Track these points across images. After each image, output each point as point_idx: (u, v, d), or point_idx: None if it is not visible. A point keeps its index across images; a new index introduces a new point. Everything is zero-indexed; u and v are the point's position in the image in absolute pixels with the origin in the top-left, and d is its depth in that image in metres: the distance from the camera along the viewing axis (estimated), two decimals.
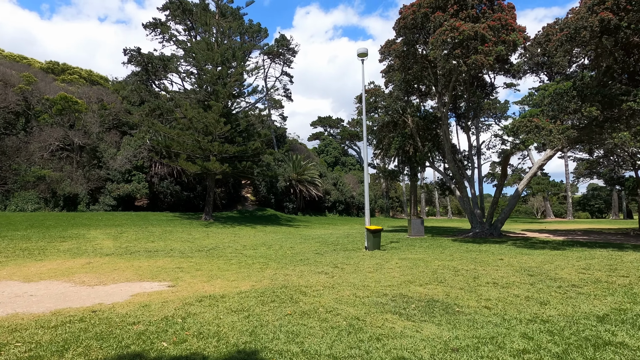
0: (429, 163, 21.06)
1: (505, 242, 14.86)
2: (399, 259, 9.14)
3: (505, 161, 16.27)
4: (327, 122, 63.89)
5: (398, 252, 11.29)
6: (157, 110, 26.55)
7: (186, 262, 8.89)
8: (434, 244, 14.19)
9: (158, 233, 17.81)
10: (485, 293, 5.46)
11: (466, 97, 19.01)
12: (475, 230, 17.48)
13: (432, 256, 9.91)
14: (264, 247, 13.70)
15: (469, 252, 11.07)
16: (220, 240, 15.87)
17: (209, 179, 27.85)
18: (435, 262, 8.68)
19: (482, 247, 12.97)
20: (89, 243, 13.52)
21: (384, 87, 23.28)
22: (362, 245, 13.94)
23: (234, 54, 26.92)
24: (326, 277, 6.68)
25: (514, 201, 17.51)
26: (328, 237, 18.11)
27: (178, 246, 13.54)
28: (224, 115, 26.04)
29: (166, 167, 31.34)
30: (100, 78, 44.33)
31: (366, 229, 12.41)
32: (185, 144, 24.92)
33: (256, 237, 18.03)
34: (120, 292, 5.72)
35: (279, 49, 46.11)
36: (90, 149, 28.96)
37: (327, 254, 10.98)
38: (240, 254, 11.07)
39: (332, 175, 46.84)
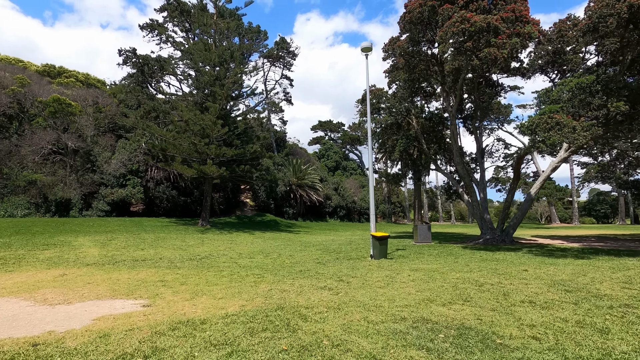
0: (435, 166, 20.10)
1: (520, 249, 13.85)
2: (411, 270, 8.15)
3: (518, 163, 15.33)
4: (327, 126, 63.13)
5: (407, 262, 10.30)
6: (153, 112, 25.72)
7: (172, 273, 7.91)
8: (444, 252, 13.19)
9: (150, 240, 16.83)
10: (525, 316, 4.47)
11: (474, 97, 18.11)
12: (486, 237, 16.47)
13: (447, 266, 8.92)
14: (261, 255, 12.72)
15: (485, 262, 10.07)
16: (214, 248, 14.89)
17: (206, 184, 26.91)
18: (451, 273, 7.69)
19: (497, 255, 11.97)
20: (73, 251, 12.55)
21: (387, 87, 22.42)
22: (367, 253, 12.96)
23: (232, 54, 26.13)
24: (330, 294, 5.70)
25: (527, 205, 16.52)
26: (330, 244, 17.12)
27: (168, 254, 12.56)
28: (222, 117, 25.20)
29: (162, 171, 30.43)
30: (98, 81, 43.64)
31: (372, 235, 11.43)
32: (181, 147, 24.02)
33: (254, 244, 17.05)
34: (84, 314, 4.76)
35: (278, 51, 45.48)
36: (84, 152, 28.08)
37: (329, 264, 10.00)
38: (235, 264, 10.08)
39: (333, 180, 45.89)
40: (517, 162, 15.23)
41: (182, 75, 27.44)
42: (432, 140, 21.01)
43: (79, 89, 33.91)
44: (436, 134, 21.61)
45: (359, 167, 60.12)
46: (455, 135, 16.38)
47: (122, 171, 27.84)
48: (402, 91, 18.35)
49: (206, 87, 25.97)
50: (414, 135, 20.99)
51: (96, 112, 30.89)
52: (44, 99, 27.81)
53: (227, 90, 24.76)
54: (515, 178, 15.60)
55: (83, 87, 37.71)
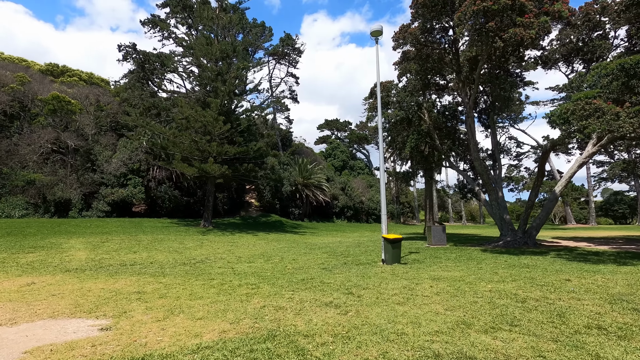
0: (449, 163, 18.81)
1: (547, 253, 12.54)
2: (432, 279, 6.97)
3: (544, 158, 14.00)
4: (334, 125, 61.96)
5: (425, 268, 9.11)
6: (154, 109, 24.84)
7: (154, 282, 6.85)
8: (463, 256, 11.96)
9: (146, 242, 15.87)
10: (605, 353, 3.29)
11: (491, 88, 16.79)
12: (507, 239, 15.16)
13: (471, 274, 7.71)
14: (262, 259, 11.63)
15: (514, 268, 8.84)
16: (213, 251, 13.85)
17: (209, 183, 25.98)
18: (481, 284, 6.49)
19: (524, 259, 10.71)
20: (59, 255, 11.60)
21: (397, 80, 21.21)
22: (378, 257, 11.79)
23: (234, 49, 25.16)
24: (337, 314, 4.56)
25: (551, 205, 15.16)
26: (337, 246, 15.98)
27: (162, 258, 11.55)
28: (224, 114, 24.23)
29: (164, 170, 29.59)
30: (102, 81, 43.12)
31: (383, 238, 10.27)
32: (182, 145, 23.09)
33: (256, 246, 15.98)
34: (20, 341, 3.70)
35: (284, 48, 44.48)
36: (84, 151, 27.36)
37: (336, 270, 8.86)
38: (230, 270, 9.01)
39: (340, 180, 44.70)
40: (543, 158, 13.90)
41: (183, 72, 26.56)
42: (445, 136, 19.74)
43: (81, 88, 33.28)
44: (449, 129, 20.33)
45: (366, 166, 58.83)
46: (472, 129, 15.11)
47: (122, 170, 27.04)
48: (413, 82, 17.12)
49: (208, 83, 25.04)
50: (426, 130, 19.74)
51: (97, 111, 30.19)
52: (44, 97, 27.17)
53: (230, 86, 23.77)
54: (539, 175, 14.26)
55: (87, 86, 37.15)
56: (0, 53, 40.10)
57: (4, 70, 31.78)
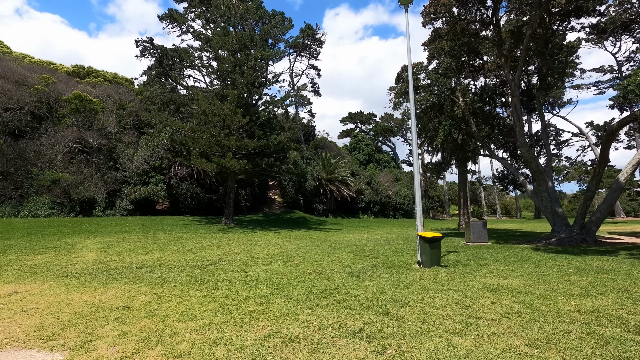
0: (488, 151, 16.84)
1: (616, 253, 10.56)
2: (488, 290, 5.45)
3: (608, 141, 11.86)
4: (358, 117, 60.12)
5: (472, 272, 7.55)
6: (172, 104, 24.25)
7: (148, 293, 5.76)
8: (513, 256, 10.24)
9: (162, 241, 15.12)
10: None
11: (539, 62, 14.66)
12: (561, 235, 13.17)
13: (538, 282, 6.11)
14: (281, 260, 10.44)
15: (588, 274, 7.12)
16: (230, 250, 12.83)
17: (230, 179, 25.20)
18: (558, 299, 4.92)
19: (593, 261, 8.88)
20: (68, 257, 10.91)
21: (426, 62, 19.37)
22: (411, 257, 10.29)
23: (251, 39, 24.09)
24: (371, 352, 3.20)
25: (615, 196, 12.99)
26: (364, 244, 14.56)
27: (173, 259, 10.61)
28: (242, 106, 23.26)
29: (186, 167, 29.17)
30: (125, 80, 43.54)
31: (419, 236, 8.77)
32: (200, 140, 22.36)
33: (276, 245, 14.85)
34: None
35: (304, 39, 43.16)
36: (107, 150, 27.33)
37: (365, 275, 7.50)
38: (242, 275, 7.85)
39: (366, 174, 43.01)
40: (607, 140, 11.78)
41: (202, 66, 25.82)
42: (483, 121, 17.75)
43: (104, 87, 33.47)
44: (487, 114, 18.31)
45: (392, 159, 56.68)
46: (518, 110, 13.15)
47: (144, 168, 26.78)
48: (447, 61, 15.30)
49: (226, 75, 24.14)
50: (460, 116, 17.85)
51: (119, 109, 30.17)
52: (67, 97, 27.33)
53: (248, 77, 22.75)
54: (601, 161, 12.14)
55: (110, 86, 37.49)
56: (29, 57, 41.29)
57: (32, 73, 32.45)
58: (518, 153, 19.40)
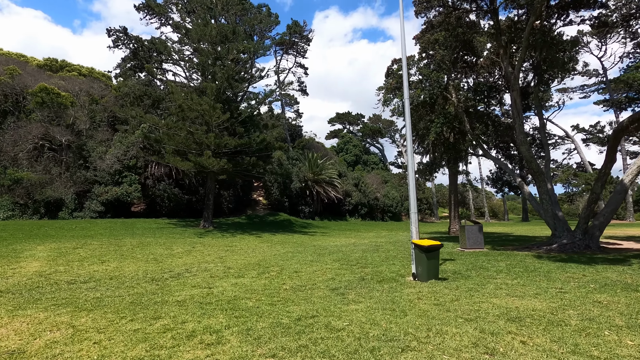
0: (483, 150, 15.86)
1: (628, 262, 9.60)
2: (510, 319, 4.26)
3: (616, 139, 10.98)
4: (346, 118, 59.10)
5: (478, 289, 6.38)
6: (146, 98, 22.58)
7: (63, 326, 4.36)
8: (516, 265, 9.15)
9: (128, 247, 13.55)
10: None
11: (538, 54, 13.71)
12: (562, 241, 12.21)
13: (564, 305, 4.97)
14: (256, 271, 9.08)
15: (615, 290, 6.03)
16: (202, 258, 11.40)
17: (209, 180, 23.67)
18: (605, 333, 3.76)
19: (608, 273, 7.85)
20: (5, 267, 9.29)
21: (418, 56, 18.34)
22: (403, 266, 9.09)
23: (234, 30, 22.67)
24: None
25: (619, 199, 12.12)
26: (351, 250, 13.32)
27: (130, 270, 9.13)
28: (223, 102, 21.81)
29: (163, 167, 27.43)
30: (103, 76, 41.30)
31: (414, 245, 7.57)
32: (177, 138, 20.78)
33: (256, 251, 13.47)
34: None
35: (291, 37, 41.86)
36: (76, 147, 25.41)
37: (351, 293, 6.24)
38: (204, 292, 6.49)
39: (353, 175, 41.93)
40: (615, 138, 10.86)
41: (180, 59, 24.24)
42: (477, 119, 16.79)
43: (75, 80, 31.40)
44: (481, 112, 17.38)
45: (380, 161, 55.83)
46: (518, 105, 12.15)
47: (117, 167, 24.97)
48: (441, 52, 14.24)
49: (206, 68, 22.63)
50: (454, 113, 16.85)
51: (92, 104, 28.24)
52: (32, 90, 25.31)
53: (229, 71, 21.31)
54: (608, 161, 11.23)
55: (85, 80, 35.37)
56: None
57: None
58: (513, 153, 18.53)
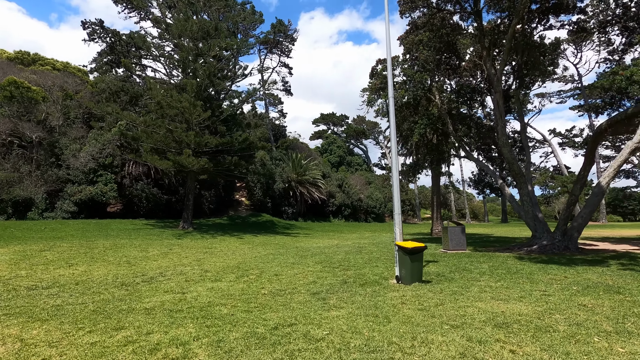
0: (465, 152, 15.95)
1: (605, 262, 9.73)
2: (496, 325, 4.08)
3: (595, 142, 11.17)
4: (330, 119, 59.03)
5: (462, 292, 6.25)
6: (123, 94, 21.74)
7: (10, 340, 3.92)
8: (499, 267, 9.12)
9: (100, 249, 12.89)
10: None
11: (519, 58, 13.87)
12: (542, 242, 12.34)
13: (549, 309, 4.86)
14: (234, 274, 8.71)
15: (597, 292, 6.00)
16: (178, 261, 10.91)
17: (189, 179, 23.00)
18: (594, 339, 3.63)
19: (589, 274, 7.89)
20: None
21: (402, 57, 18.34)
22: (386, 268, 8.91)
23: (216, 27, 22.12)
24: None
25: (597, 201, 12.34)
26: (333, 252, 13.09)
27: (99, 274, 8.59)
28: (204, 99, 21.23)
29: (142, 166, 26.53)
30: (79, 71, 39.72)
31: (398, 246, 7.39)
32: (155, 135, 20.07)
33: (235, 253, 13.05)
34: None
35: (276, 36, 41.46)
36: (48, 144, 24.25)
37: (332, 297, 5.99)
38: (176, 298, 6.09)
39: (337, 176, 41.81)
40: (594, 141, 11.05)
41: (159, 54, 23.47)
42: (459, 121, 16.89)
43: (47, 74, 30.02)
44: (464, 114, 17.50)
45: (364, 162, 55.99)
46: (500, 107, 12.23)
47: (92, 166, 23.96)
48: (425, 53, 14.22)
49: (187, 64, 22.00)
50: (437, 115, 16.90)
51: (66, 100, 27.04)
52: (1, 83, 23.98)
53: (210, 68, 20.76)
54: (587, 163, 11.42)
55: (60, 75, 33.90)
56: None
57: None
58: (494, 155, 18.74)
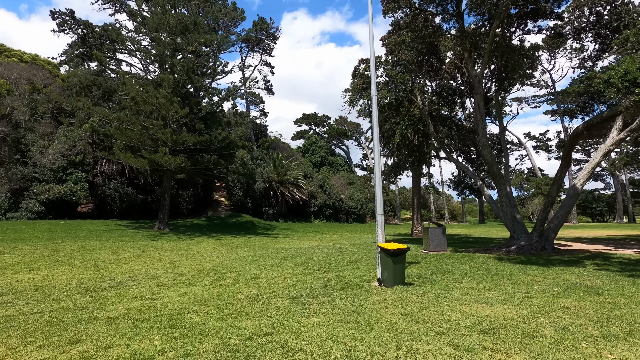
0: (446, 153, 16.05)
1: (581, 263, 9.90)
2: (482, 331, 3.94)
3: (572, 144, 11.42)
4: (312, 119, 58.81)
5: (445, 294, 6.12)
6: (95, 89, 20.74)
7: None
8: (479, 268, 9.10)
9: (66, 252, 12.13)
10: None
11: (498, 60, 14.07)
12: (520, 243, 12.51)
13: (533, 312, 4.78)
14: (210, 277, 8.31)
15: (577, 293, 6.00)
16: (151, 264, 10.37)
17: (166, 178, 22.21)
18: (582, 345, 3.52)
19: (567, 275, 7.96)
20: None
21: (385, 58, 18.32)
22: (368, 270, 8.73)
23: (195, 21, 21.46)
24: None
25: (572, 202, 12.62)
26: (314, 253, 12.83)
27: (63, 279, 8.00)
28: (181, 96, 20.54)
29: (115, 164, 25.47)
30: (49, 64, 37.86)
31: (380, 248, 7.20)
32: (130, 133, 19.23)
33: (213, 255, 12.58)
34: None
35: (257, 33, 40.85)
36: (12, 140, 22.88)
37: (312, 302, 5.73)
38: (145, 304, 5.67)
39: (319, 177, 41.60)
40: (570, 143, 11.29)
41: (135, 48, 22.55)
42: (440, 122, 17.00)
43: (18, 68, 28.41)
44: (444, 115, 17.64)
45: (346, 163, 56.06)
46: (481, 108, 12.33)
47: (61, 164, 22.76)
48: (408, 53, 14.19)
49: (164, 60, 21.22)
50: (418, 116, 16.95)
51: (33, 94, 25.62)
52: None
53: (189, 63, 20.10)
54: (564, 165, 11.65)
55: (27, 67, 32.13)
56: None
57: None
58: (473, 157, 18.99)
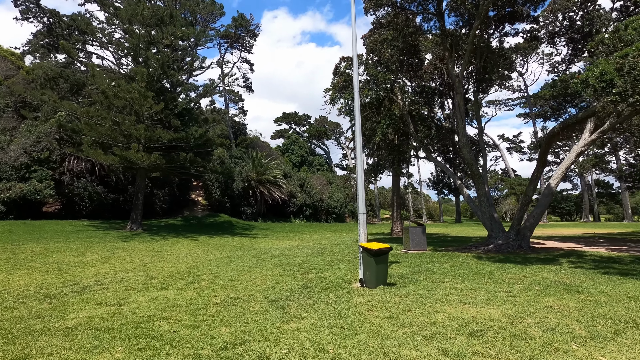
0: (426, 153, 16.13)
1: (557, 261, 10.09)
2: (470, 334, 3.78)
3: (548, 144, 11.66)
4: (292, 118, 58.37)
5: (429, 295, 5.99)
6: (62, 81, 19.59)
7: None
8: (460, 267, 9.10)
9: (27, 254, 11.29)
10: None
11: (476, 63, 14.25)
12: (498, 242, 12.68)
13: (518, 312, 4.70)
14: (184, 280, 7.86)
15: (557, 291, 6.01)
16: (121, 266, 9.76)
17: (139, 177, 21.31)
18: (573, 347, 3.42)
19: (546, 273, 8.04)
20: None
21: (366, 56, 18.25)
22: (349, 270, 8.54)
23: (171, 14, 20.67)
24: None
25: (547, 201, 12.92)
26: (294, 254, 12.54)
27: (20, 284, 7.34)
28: (156, 91, 19.73)
29: (85, 162, 24.23)
30: (12, 55, 35.68)
31: (362, 248, 7.01)
32: (99, 129, 18.26)
33: (188, 256, 12.04)
34: None
35: (237, 30, 40.07)
36: None
37: (292, 306, 5.45)
38: (110, 311, 5.22)
39: (299, 176, 41.26)
40: (547, 144, 11.53)
41: (106, 40, 21.48)
42: (420, 122, 17.07)
43: None
44: (424, 115, 17.74)
45: (326, 162, 55.97)
46: (461, 108, 12.41)
47: (24, 160, 21.41)
48: (389, 51, 14.13)
49: (138, 53, 20.31)
50: (399, 115, 16.96)
51: None
52: None
53: (164, 57, 19.32)
54: (540, 165, 11.88)
55: None
56: None
57: None
58: (452, 157, 19.23)
